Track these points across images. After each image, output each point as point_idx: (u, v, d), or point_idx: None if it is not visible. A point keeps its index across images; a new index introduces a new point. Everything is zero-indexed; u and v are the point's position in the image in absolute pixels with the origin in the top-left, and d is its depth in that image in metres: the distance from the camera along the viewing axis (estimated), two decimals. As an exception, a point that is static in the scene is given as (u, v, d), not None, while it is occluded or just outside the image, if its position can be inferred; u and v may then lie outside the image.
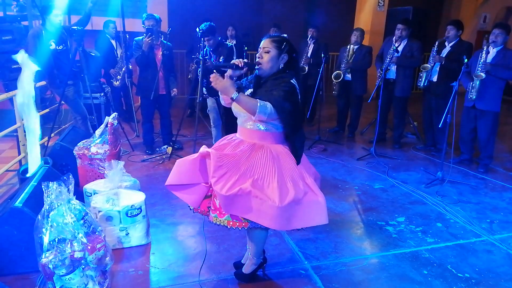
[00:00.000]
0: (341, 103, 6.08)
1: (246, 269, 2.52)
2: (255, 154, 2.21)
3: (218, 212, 2.20)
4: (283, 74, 2.23)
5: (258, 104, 2.08)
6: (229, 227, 2.21)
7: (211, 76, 2.12)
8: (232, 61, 2.25)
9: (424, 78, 4.93)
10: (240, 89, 2.26)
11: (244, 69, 2.23)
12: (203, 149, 2.24)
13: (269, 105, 2.10)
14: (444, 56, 4.82)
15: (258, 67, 2.24)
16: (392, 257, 2.88)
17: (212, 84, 2.12)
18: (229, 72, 2.21)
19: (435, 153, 5.23)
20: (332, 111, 6.56)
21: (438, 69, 4.86)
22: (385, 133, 5.80)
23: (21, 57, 3.09)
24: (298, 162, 2.26)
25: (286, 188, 2.13)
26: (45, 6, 4.24)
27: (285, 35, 2.37)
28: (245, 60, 2.26)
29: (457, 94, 3.98)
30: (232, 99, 2.11)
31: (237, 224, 2.20)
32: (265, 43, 2.24)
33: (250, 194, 2.10)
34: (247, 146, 2.25)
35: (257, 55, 2.29)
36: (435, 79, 4.92)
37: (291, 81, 2.21)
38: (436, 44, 4.91)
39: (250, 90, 2.32)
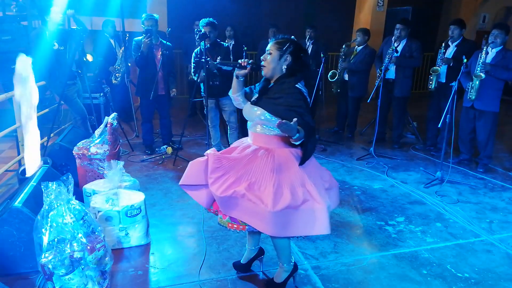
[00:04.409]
0: (341, 103, 6.08)
1: (277, 278, 2.42)
2: (257, 157, 2.20)
3: (223, 213, 2.22)
4: (287, 79, 2.20)
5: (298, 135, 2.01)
6: (228, 229, 2.24)
7: (279, 122, 1.89)
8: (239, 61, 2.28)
9: (434, 81, 4.93)
10: (247, 95, 2.35)
11: (248, 69, 2.25)
12: (208, 151, 2.25)
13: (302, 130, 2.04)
14: (450, 57, 4.81)
15: (262, 68, 2.26)
16: (392, 257, 2.88)
17: (278, 126, 1.92)
18: (239, 72, 2.26)
19: (434, 153, 5.24)
20: (332, 111, 6.56)
21: (446, 70, 4.86)
22: (384, 133, 5.79)
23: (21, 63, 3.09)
24: (301, 163, 2.19)
25: (281, 193, 2.08)
26: (45, 6, 4.25)
27: (292, 37, 2.34)
28: (251, 60, 2.29)
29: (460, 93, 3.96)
30: (291, 138, 2.03)
31: (235, 226, 2.23)
32: (269, 45, 2.26)
33: (244, 197, 2.09)
34: (252, 149, 2.24)
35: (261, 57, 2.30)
36: (443, 80, 4.92)
37: (296, 86, 2.18)
38: (443, 45, 4.90)
39: (256, 96, 2.31)
